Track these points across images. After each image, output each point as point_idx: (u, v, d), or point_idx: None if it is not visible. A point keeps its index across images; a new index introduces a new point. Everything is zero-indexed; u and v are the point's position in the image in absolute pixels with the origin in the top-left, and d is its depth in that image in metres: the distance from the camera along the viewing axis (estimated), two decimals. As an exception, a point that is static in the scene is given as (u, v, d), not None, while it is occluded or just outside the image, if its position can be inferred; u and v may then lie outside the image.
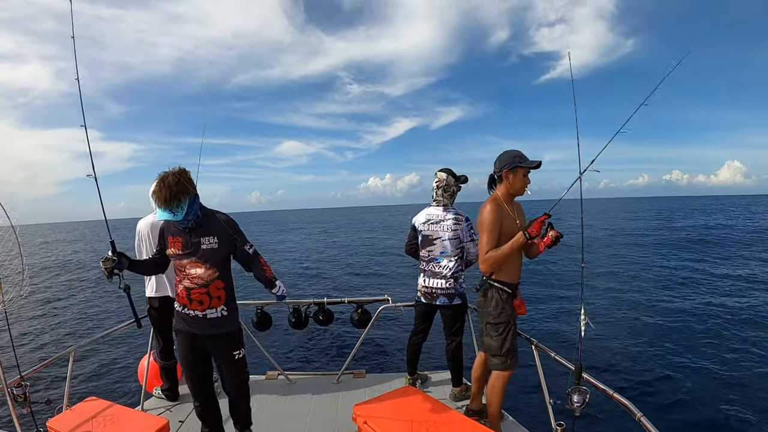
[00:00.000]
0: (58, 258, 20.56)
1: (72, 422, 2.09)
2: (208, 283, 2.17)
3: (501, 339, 2.38)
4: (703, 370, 5.63)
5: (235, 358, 2.29)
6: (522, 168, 2.31)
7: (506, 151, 2.37)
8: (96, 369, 6.45)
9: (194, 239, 2.14)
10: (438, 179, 3.00)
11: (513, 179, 2.32)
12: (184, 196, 2.02)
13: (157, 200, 2.02)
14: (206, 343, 2.26)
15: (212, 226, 2.17)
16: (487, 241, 2.26)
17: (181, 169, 2.07)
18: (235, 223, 2.25)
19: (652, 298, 9.17)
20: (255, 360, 5.72)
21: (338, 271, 13.29)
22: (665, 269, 11.87)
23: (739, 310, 8.06)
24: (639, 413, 1.82)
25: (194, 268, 2.16)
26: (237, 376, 2.34)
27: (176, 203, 2.00)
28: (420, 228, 3.03)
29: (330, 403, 3.10)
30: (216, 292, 2.20)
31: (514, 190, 2.35)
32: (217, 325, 2.21)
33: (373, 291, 10.42)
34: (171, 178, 2.00)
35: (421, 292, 3.05)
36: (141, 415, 2.37)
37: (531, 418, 2.79)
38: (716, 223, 30.30)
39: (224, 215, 2.24)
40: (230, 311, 2.26)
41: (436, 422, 1.96)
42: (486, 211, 2.29)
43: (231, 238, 2.20)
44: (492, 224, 2.25)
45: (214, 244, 2.15)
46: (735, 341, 6.56)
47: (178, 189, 1.99)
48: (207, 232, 2.16)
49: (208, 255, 2.15)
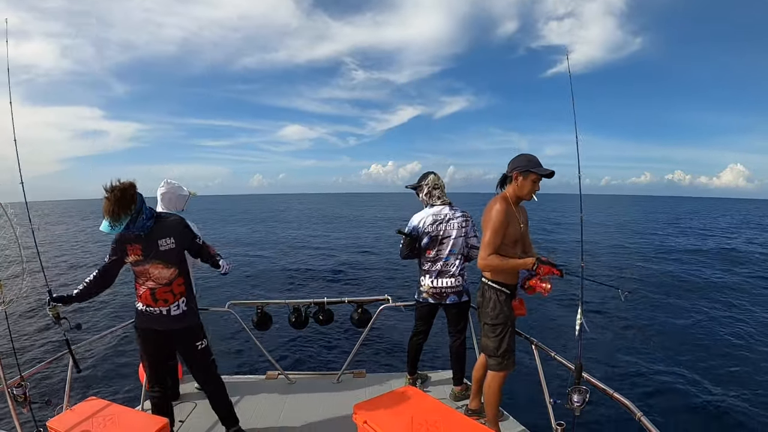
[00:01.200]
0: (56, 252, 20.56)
1: (72, 422, 2.09)
2: (171, 281, 2.35)
3: (498, 340, 2.39)
4: (703, 370, 5.63)
5: (198, 348, 2.50)
6: (533, 173, 2.30)
7: (523, 153, 2.39)
8: (96, 369, 6.44)
9: (152, 243, 2.28)
10: (432, 180, 3.01)
11: (522, 183, 2.33)
12: (125, 212, 2.10)
13: (103, 212, 2.08)
14: (169, 338, 2.44)
15: (166, 228, 2.33)
16: (492, 241, 2.26)
17: (126, 185, 2.13)
18: (185, 224, 2.45)
19: (652, 298, 9.17)
20: (255, 360, 5.74)
21: (338, 271, 13.30)
22: (666, 268, 11.88)
23: (741, 310, 8.06)
24: (639, 413, 1.82)
25: (157, 270, 2.31)
26: (204, 359, 2.53)
27: (117, 218, 2.08)
28: (427, 230, 2.94)
29: (330, 403, 3.10)
30: (178, 289, 2.38)
31: (522, 194, 2.36)
32: (180, 320, 2.40)
33: (373, 291, 10.42)
34: (117, 194, 2.08)
35: (428, 293, 3.00)
36: (141, 415, 2.37)
37: (531, 418, 2.79)
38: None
39: (175, 217, 2.44)
40: (190, 307, 2.46)
41: (436, 422, 1.96)
42: (495, 210, 2.29)
43: (184, 236, 2.39)
44: (500, 224, 2.26)
45: (171, 244, 2.32)
46: (736, 341, 6.56)
47: (120, 205, 2.08)
48: (162, 234, 2.30)
49: (168, 255, 2.31)
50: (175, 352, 2.60)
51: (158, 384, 2.51)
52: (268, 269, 13.94)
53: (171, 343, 2.49)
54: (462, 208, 3.03)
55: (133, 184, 2.15)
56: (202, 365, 2.54)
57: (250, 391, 3.30)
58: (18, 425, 2.07)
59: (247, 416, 2.90)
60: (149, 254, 2.28)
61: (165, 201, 3.02)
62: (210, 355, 2.57)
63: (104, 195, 2.08)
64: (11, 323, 2.22)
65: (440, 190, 3.01)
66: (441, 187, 3.02)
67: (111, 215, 2.06)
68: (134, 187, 2.16)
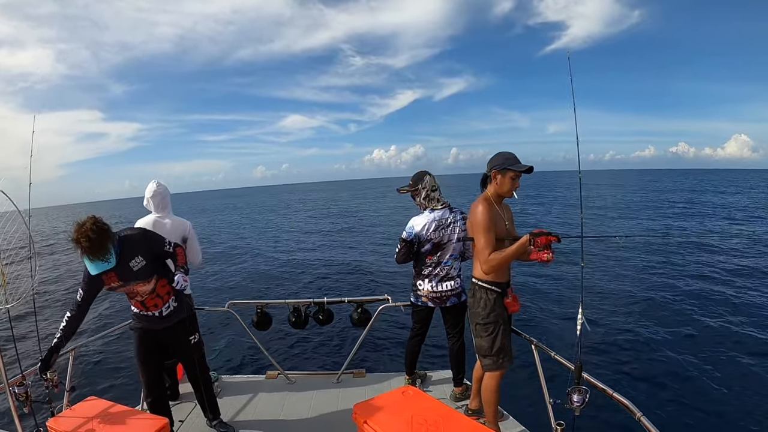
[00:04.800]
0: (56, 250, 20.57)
1: (72, 422, 2.09)
2: (155, 289, 2.41)
3: (491, 339, 2.39)
4: (703, 370, 5.62)
5: (191, 342, 2.60)
6: (511, 171, 2.30)
7: (501, 152, 2.38)
8: (96, 368, 6.44)
9: (124, 267, 2.24)
10: (429, 182, 2.90)
11: (501, 181, 2.33)
12: (108, 242, 2.08)
13: (83, 253, 2.05)
14: (163, 336, 2.51)
15: (131, 248, 2.27)
16: (487, 242, 2.26)
17: (92, 217, 2.10)
18: (149, 234, 2.42)
19: (653, 298, 9.16)
20: (255, 360, 5.74)
21: (338, 271, 13.30)
22: (667, 268, 11.86)
23: (742, 310, 8.05)
24: (639, 413, 1.82)
25: (139, 287, 2.36)
26: (197, 352, 2.63)
27: (104, 252, 2.07)
28: (430, 237, 2.84)
29: (330, 403, 3.11)
30: (163, 290, 2.45)
31: (503, 192, 2.36)
32: (172, 316, 2.49)
33: (373, 291, 10.41)
34: (89, 226, 2.03)
35: (428, 297, 2.96)
36: (141, 415, 2.37)
37: (531, 418, 2.79)
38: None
39: (136, 230, 2.39)
40: (179, 302, 2.53)
41: (436, 422, 1.96)
42: (479, 212, 2.30)
43: (152, 248, 2.35)
44: (488, 223, 2.27)
45: (141, 263, 2.30)
46: (737, 341, 6.56)
47: (99, 237, 2.04)
48: (131, 254, 2.26)
49: (142, 273, 2.31)
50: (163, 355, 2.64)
51: (155, 390, 2.54)
52: (268, 269, 13.94)
53: (166, 340, 2.54)
54: (461, 206, 2.98)
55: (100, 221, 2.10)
56: (196, 352, 2.63)
57: (250, 391, 3.31)
58: (18, 424, 2.08)
59: (247, 416, 2.91)
60: (125, 277, 2.29)
61: (157, 200, 2.96)
62: (202, 348, 2.68)
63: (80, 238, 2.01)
64: (12, 323, 2.22)
65: (438, 192, 2.91)
66: (439, 188, 2.92)
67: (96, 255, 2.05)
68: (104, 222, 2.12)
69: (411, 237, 2.88)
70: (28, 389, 2.12)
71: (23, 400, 2.10)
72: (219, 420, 2.80)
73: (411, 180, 2.98)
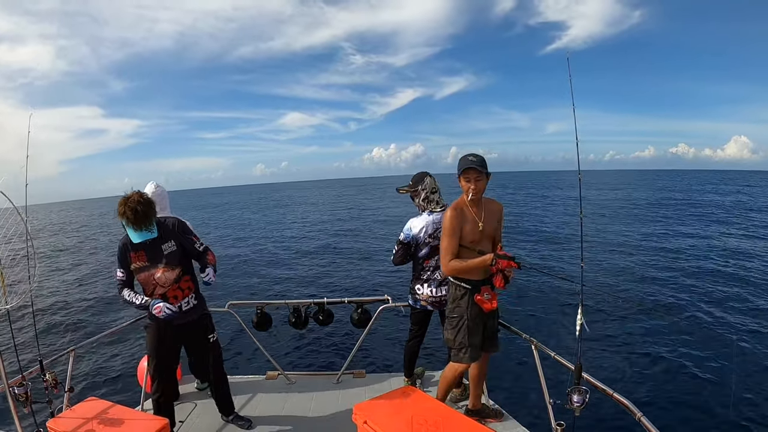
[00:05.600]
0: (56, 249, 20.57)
1: (72, 422, 2.09)
2: (178, 280, 2.48)
3: (454, 332, 2.47)
4: (704, 370, 5.62)
5: (210, 340, 2.65)
6: (461, 175, 2.38)
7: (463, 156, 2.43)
8: (96, 369, 6.45)
9: (156, 249, 2.39)
10: (429, 184, 2.87)
11: (461, 185, 2.42)
12: (152, 214, 2.26)
13: (129, 224, 2.22)
14: (181, 332, 2.54)
15: (167, 232, 2.44)
16: (449, 248, 2.35)
17: (138, 192, 2.28)
18: (186, 226, 2.57)
19: (653, 297, 9.17)
20: (255, 360, 5.74)
21: (338, 271, 13.30)
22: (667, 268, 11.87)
23: (743, 310, 8.06)
24: (639, 413, 1.82)
25: (163, 273, 2.41)
26: (214, 351, 2.69)
27: (148, 222, 2.24)
28: (427, 240, 2.83)
29: (330, 403, 3.11)
30: (185, 284, 2.52)
31: (466, 195, 2.42)
32: (191, 312, 2.53)
33: (373, 291, 10.42)
34: (135, 199, 2.21)
35: (427, 301, 2.94)
36: (141, 415, 2.38)
37: (531, 418, 2.80)
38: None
39: (174, 219, 2.54)
40: (199, 300, 2.61)
41: (436, 422, 1.96)
42: (446, 218, 2.39)
43: (185, 240, 2.49)
44: (452, 230, 2.35)
45: (172, 247, 2.44)
46: (737, 341, 6.56)
47: (145, 208, 2.21)
48: (165, 238, 2.42)
49: (171, 258, 2.43)
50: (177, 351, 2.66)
51: (163, 382, 2.55)
52: (268, 269, 13.95)
53: (183, 337, 2.57)
54: None
55: (144, 195, 2.28)
56: (214, 357, 2.69)
57: (250, 391, 3.31)
58: (18, 425, 2.08)
59: (247, 416, 2.90)
60: (154, 258, 2.39)
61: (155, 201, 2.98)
62: (220, 347, 2.72)
63: (126, 209, 2.19)
64: (12, 322, 2.22)
65: (438, 194, 2.88)
66: (438, 191, 2.89)
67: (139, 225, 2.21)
68: (148, 197, 2.30)
69: (408, 239, 2.87)
70: (28, 390, 2.12)
71: (23, 401, 2.10)
72: (235, 414, 2.86)
73: (411, 180, 2.95)
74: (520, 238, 16.97)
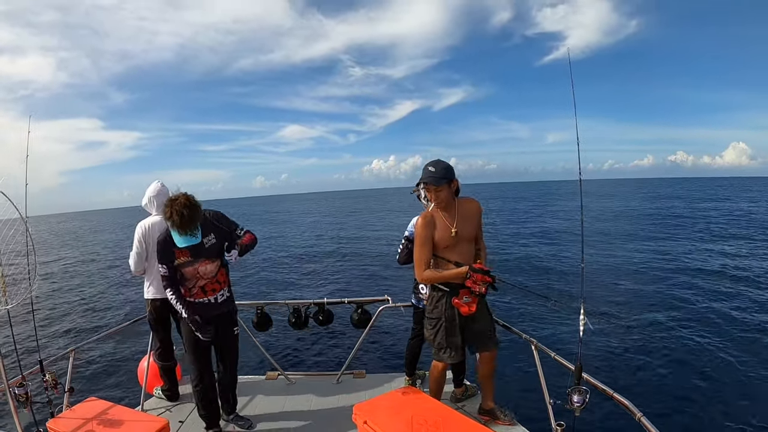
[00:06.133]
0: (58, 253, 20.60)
1: (72, 422, 2.09)
2: (217, 272, 2.53)
3: (434, 332, 2.51)
4: (704, 370, 5.62)
5: (234, 333, 2.72)
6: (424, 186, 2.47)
7: None
8: (96, 369, 6.45)
9: (199, 244, 2.39)
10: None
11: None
12: (198, 218, 2.27)
13: (174, 227, 2.23)
14: (216, 323, 2.56)
15: (206, 225, 2.44)
16: (421, 256, 2.39)
17: (185, 194, 2.27)
18: (223, 216, 2.58)
19: (653, 297, 9.16)
20: (255, 360, 5.74)
21: (338, 271, 13.31)
22: (667, 267, 11.87)
23: (744, 309, 8.05)
24: (639, 413, 1.82)
25: (205, 266, 2.47)
26: (233, 350, 2.75)
27: (193, 226, 2.25)
28: None
29: (330, 403, 3.11)
30: (222, 278, 2.59)
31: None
32: (224, 304, 2.62)
33: (373, 291, 10.42)
34: (182, 201, 2.21)
35: None
36: (141, 416, 2.38)
37: (531, 418, 2.79)
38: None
39: (211, 211, 2.53)
40: (231, 293, 2.70)
41: (436, 422, 1.96)
42: (417, 227, 2.44)
43: (223, 231, 2.52)
44: (423, 239, 2.39)
45: (213, 240, 2.47)
46: (737, 340, 6.56)
47: (191, 212, 2.21)
48: (205, 232, 2.42)
49: (211, 250, 2.47)
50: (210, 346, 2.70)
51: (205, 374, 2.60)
52: (268, 270, 13.95)
53: (216, 328, 2.58)
54: None
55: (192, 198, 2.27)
56: (234, 350, 2.75)
57: (250, 391, 3.31)
58: (18, 425, 2.08)
59: (248, 416, 2.90)
60: (198, 253, 2.42)
61: (160, 199, 2.94)
62: (237, 343, 2.78)
63: (173, 213, 2.18)
64: (12, 322, 2.22)
65: None
66: None
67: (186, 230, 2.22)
68: (195, 199, 2.29)
69: (413, 236, 2.90)
70: (29, 390, 2.12)
71: (23, 401, 2.10)
72: (235, 414, 2.86)
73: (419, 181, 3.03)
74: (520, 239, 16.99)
